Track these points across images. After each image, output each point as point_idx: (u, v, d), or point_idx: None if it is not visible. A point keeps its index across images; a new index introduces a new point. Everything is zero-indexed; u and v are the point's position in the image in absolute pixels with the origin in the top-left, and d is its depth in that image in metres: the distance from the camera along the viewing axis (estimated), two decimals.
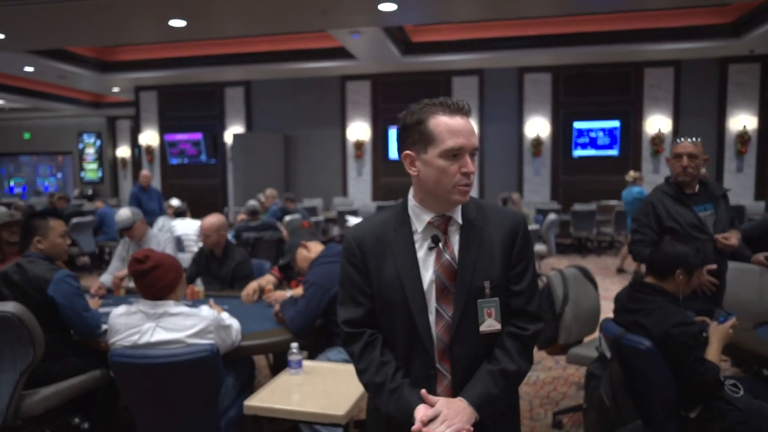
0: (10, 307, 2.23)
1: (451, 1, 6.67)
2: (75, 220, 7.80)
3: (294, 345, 2.32)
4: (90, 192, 15.09)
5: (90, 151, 15.84)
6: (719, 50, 9.49)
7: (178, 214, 6.75)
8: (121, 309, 2.28)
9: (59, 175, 16.88)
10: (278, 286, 3.40)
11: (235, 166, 11.76)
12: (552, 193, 11.05)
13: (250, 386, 2.63)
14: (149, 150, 12.83)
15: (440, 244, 1.39)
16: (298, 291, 3.00)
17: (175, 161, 12.68)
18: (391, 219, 1.45)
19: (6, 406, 2.33)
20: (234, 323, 2.45)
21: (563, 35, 9.32)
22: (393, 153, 11.46)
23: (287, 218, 7.16)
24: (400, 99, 11.38)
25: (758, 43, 8.90)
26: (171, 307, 2.23)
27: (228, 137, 12.19)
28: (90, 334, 2.65)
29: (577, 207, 9.23)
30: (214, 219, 3.70)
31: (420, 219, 1.41)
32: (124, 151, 15.49)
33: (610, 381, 2.15)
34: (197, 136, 12.37)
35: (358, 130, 11.62)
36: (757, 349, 2.28)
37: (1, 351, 2.22)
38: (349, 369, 2.15)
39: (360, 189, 11.81)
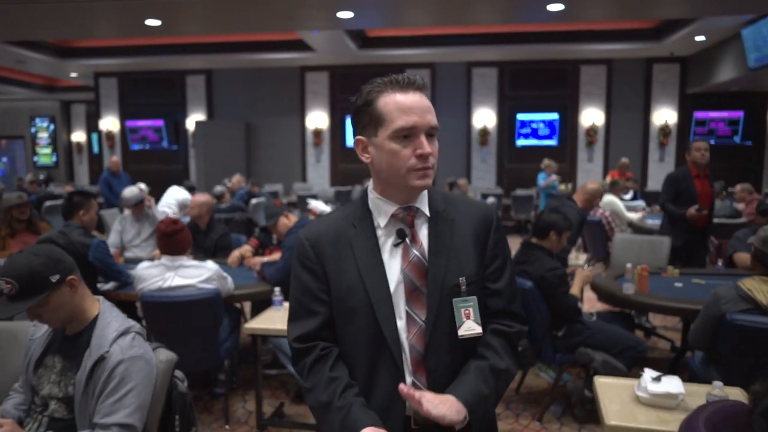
0: None
1: (403, 9, 7.16)
2: (48, 203, 8.14)
3: (277, 289, 3.09)
4: (42, 177, 14.78)
5: (43, 135, 15.32)
6: (645, 51, 10.39)
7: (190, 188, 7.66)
8: (145, 264, 3.01)
9: (4, 159, 16.32)
10: (255, 253, 4.13)
11: (197, 153, 11.90)
12: (497, 180, 11.72)
13: (238, 328, 3.40)
14: (109, 135, 12.83)
15: (407, 239, 1.22)
16: (273, 257, 3.75)
17: (136, 147, 12.77)
18: (350, 215, 1.27)
19: None
20: (228, 276, 3.18)
21: (508, 34, 9.98)
22: (350, 141, 11.95)
23: (253, 201, 7.79)
24: (357, 89, 11.79)
25: (677, 46, 9.87)
26: (185, 261, 2.99)
27: (190, 124, 12.32)
28: (119, 279, 3.40)
29: (518, 192, 10.17)
30: (200, 197, 4.42)
31: (382, 212, 1.24)
32: (79, 136, 15.14)
33: None
34: (159, 122, 12.49)
35: (317, 119, 12.05)
36: (609, 289, 3.25)
37: None
38: None
39: (319, 175, 12.24)
